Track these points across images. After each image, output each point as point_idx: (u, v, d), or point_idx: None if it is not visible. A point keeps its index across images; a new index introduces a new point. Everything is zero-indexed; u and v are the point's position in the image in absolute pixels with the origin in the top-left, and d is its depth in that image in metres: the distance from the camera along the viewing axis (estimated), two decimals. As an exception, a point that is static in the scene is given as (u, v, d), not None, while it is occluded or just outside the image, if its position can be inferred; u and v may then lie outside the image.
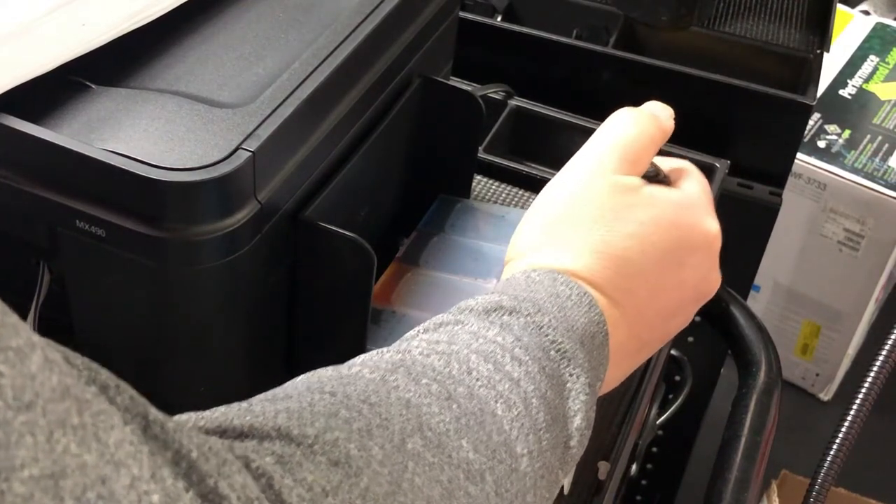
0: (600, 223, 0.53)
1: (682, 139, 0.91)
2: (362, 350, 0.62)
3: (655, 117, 0.58)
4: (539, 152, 0.91)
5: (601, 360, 0.52)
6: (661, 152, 0.59)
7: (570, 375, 0.49)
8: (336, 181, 0.60)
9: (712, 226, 0.57)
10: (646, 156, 0.57)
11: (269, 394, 0.44)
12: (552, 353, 0.49)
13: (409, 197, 0.73)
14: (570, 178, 0.56)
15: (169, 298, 0.54)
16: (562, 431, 0.48)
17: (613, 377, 0.55)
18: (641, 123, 0.57)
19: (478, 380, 0.46)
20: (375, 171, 0.66)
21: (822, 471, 0.77)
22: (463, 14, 0.96)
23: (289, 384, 0.45)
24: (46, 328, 0.56)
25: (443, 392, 0.45)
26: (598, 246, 0.53)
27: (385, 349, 0.49)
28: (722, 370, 1.12)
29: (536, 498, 0.47)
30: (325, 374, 0.45)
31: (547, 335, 0.49)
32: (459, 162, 0.75)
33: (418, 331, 0.50)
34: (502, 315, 0.49)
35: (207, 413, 0.40)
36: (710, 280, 0.57)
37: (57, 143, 0.50)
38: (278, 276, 0.58)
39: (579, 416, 0.49)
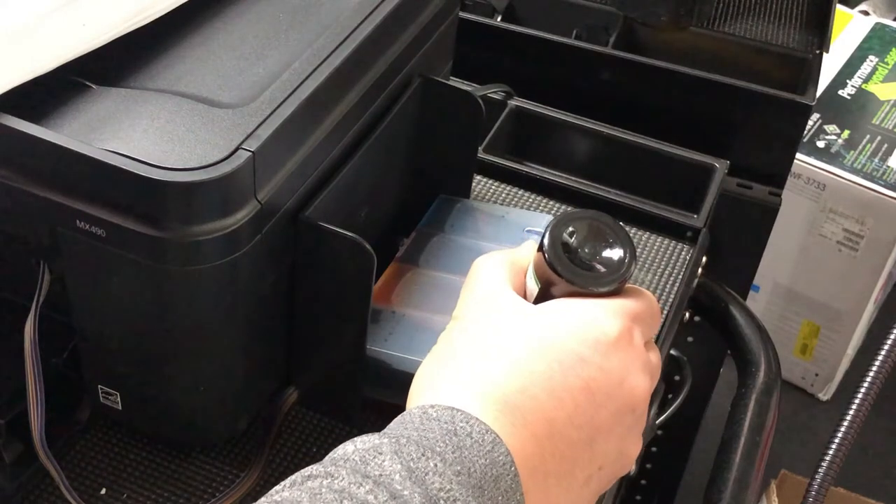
0: (498, 357, 0.50)
1: (682, 139, 0.91)
2: (362, 350, 0.62)
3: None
4: (539, 152, 0.91)
5: None
6: (663, 153, 0.59)
7: None
8: (336, 181, 0.60)
9: (611, 325, 0.51)
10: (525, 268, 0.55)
11: None
12: (441, 503, 0.43)
13: (409, 197, 0.73)
14: (468, 313, 0.53)
15: (169, 298, 0.54)
16: None
17: None
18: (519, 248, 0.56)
19: None
20: (375, 170, 0.66)
21: (822, 470, 0.77)
22: (463, 14, 0.96)
23: None
24: (46, 328, 0.56)
25: None
26: (498, 381, 0.49)
27: None
28: (721, 370, 1.12)
29: None
30: None
31: (433, 483, 0.44)
32: (459, 162, 0.75)
33: (284, 485, 0.44)
34: (382, 462, 0.44)
35: None
36: (628, 382, 0.51)
37: (57, 143, 0.50)
38: (278, 276, 0.58)
39: None
